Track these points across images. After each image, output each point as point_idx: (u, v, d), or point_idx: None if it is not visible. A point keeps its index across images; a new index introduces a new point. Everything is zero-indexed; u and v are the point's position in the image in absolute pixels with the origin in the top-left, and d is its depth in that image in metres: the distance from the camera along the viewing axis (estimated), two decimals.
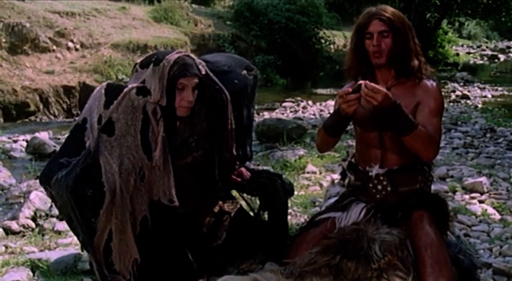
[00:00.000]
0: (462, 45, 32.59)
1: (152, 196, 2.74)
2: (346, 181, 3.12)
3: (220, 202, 3.13)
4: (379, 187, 2.97)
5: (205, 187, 3.01)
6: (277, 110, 11.04)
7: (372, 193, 2.98)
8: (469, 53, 30.44)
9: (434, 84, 2.95)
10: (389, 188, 2.95)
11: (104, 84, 2.85)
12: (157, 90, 2.71)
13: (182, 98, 2.72)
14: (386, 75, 2.93)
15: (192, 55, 2.90)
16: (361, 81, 2.66)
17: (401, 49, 2.84)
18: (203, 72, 2.83)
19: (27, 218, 4.42)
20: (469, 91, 14.54)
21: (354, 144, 3.22)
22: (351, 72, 3.01)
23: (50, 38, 11.05)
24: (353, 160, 3.13)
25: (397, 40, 2.83)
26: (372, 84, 2.63)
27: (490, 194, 4.84)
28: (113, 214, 2.63)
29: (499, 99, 13.64)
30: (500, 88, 15.54)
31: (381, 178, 2.96)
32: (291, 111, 10.91)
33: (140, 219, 2.71)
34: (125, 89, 2.75)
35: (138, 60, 2.92)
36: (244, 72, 3.18)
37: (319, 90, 14.15)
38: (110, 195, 2.60)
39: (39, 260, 3.36)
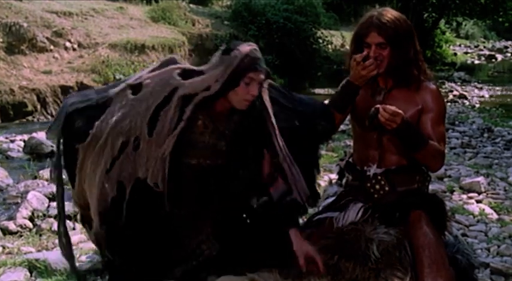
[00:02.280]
0: (460, 45, 32.60)
1: (139, 171, 2.64)
2: (344, 180, 3.12)
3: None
4: (377, 186, 2.97)
5: (210, 193, 2.84)
6: None
7: (370, 193, 2.98)
8: (466, 53, 30.45)
9: (435, 88, 2.94)
10: (387, 188, 2.95)
11: (183, 65, 2.86)
12: (215, 77, 2.65)
13: (248, 91, 2.64)
14: (385, 79, 2.93)
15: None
16: (378, 106, 2.65)
17: (399, 61, 2.82)
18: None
19: (25, 218, 4.41)
20: (466, 91, 14.56)
21: (352, 144, 3.22)
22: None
23: (47, 38, 11.03)
24: (351, 160, 3.13)
25: (395, 52, 2.80)
26: (390, 107, 2.62)
27: (487, 194, 4.85)
28: (88, 157, 2.65)
29: (496, 99, 13.66)
30: (497, 88, 15.57)
31: (379, 177, 2.96)
32: None
33: (116, 186, 2.64)
34: (172, 66, 2.76)
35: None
36: (318, 123, 2.94)
37: (317, 90, 14.15)
38: (91, 138, 2.63)
39: (36, 260, 3.35)
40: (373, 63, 2.76)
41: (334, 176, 4.52)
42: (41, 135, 7.62)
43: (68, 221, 4.37)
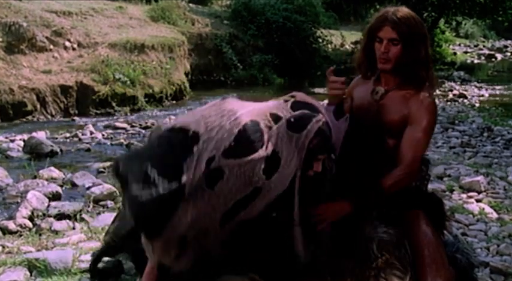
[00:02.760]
0: (459, 45, 32.58)
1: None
2: None
3: None
4: None
5: None
6: None
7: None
8: (466, 52, 30.43)
9: (430, 101, 2.86)
10: None
11: (242, 122, 2.39)
12: (293, 169, 2.38)
13: (314, 168, 2.43)
14: (390, 80, 2.89)
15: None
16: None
17: (409, 59, 2.79)
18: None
19: (24, 217, 4.42)
20: (466, 90, 14.55)
21: None
22: (361, 69, 3.02)
23: (47, 38, 11.02)
24: None
25: (407, 50, 2.78)
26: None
27: (487, 193, 4.85)
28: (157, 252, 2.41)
29: (496, 98, 13.65)
30: (497, 87, 15.56)
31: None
32: None
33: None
34: (255, 155, 2.34)
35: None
36: None
37: (317, 90, 14.12)
38: (167, 234, 2.35)
39: (36, 259, 3.35)
40: (338, 84, 2.72)
41: None
42: (40, 135, 7.64)
43: (68, 221, 4.38)
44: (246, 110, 2.45)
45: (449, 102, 12.39)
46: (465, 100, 12.87)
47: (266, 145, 2.36)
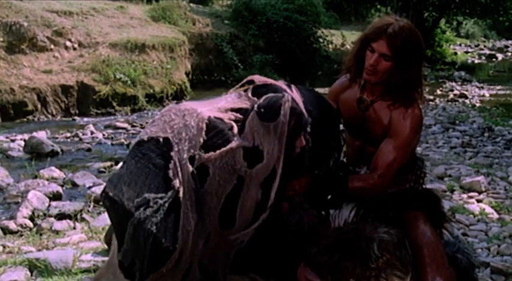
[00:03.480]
0: (460, 45, 32.59)
1: (202, 262, 2.43)
2: None
3: None
4: None
5: None
6: None
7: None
8: (467, 52, 30.44)
9: (414, 112, 2.77)
10: None
11: (205, 116, 2.38)
12: (276, 156, 2.36)
13: (297, 145, 2.45)
14: (376, 89, 2.83)
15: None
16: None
17: (399, 79, 2.70)
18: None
19: (25, 217, 4.42)
20: (467, 90, 14.55)
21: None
22: (349, 72, 2.97)
23: (47, 37, 11.02)
24: (344, 160, 3.13)
25: (397, 69, 2.69)
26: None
27: (488, 194, 4.85)
28: (170, 275, 2.32)
29: (497, 98, 13.65)
30: (498, 87, 15.56)
31: None
32: None
33: None
34: (233, 144, 2.34)
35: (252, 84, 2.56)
36: (331, 152, 2.79)
37: (317, 89, 14.10)
38: (178, 254, 2.28)
39: (37, 259, 3.36)
40: None
41: None
42: (41, 135, 7.64)
43: (68, 221, 4.38)
44: (205, 108, 2.44)
45: (449, 103, 12.39)
46: (466, 100, 12.87)
47: (238, 136, 2.36)
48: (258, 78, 2.60)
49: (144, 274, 2.29)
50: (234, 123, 2.41)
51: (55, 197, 5.05)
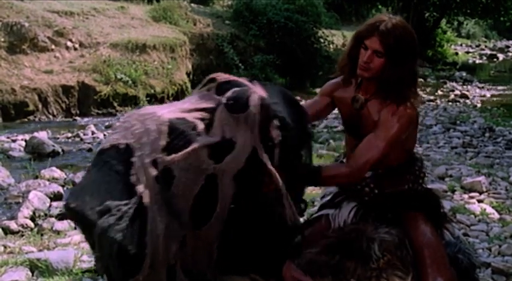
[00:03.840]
0: (461, 45, 32.57)
1: (185, 264, 2.38)
2: None
3: None
4: (366, 189, 2.96)
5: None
6: None
7: (360, 195, 2.98)
8: (468, 52, 30.43)
9: (406, 111, 2.75)
10: (376, 191, 2.94)
11: (165, 119, 2.32)
12: (247, 148, 2.29)
13: (276, 135, 2.36)
14: (370, 87, 2.83)
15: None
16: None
17: (393, 76, 2.69)
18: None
19: (26, 218, 4.43)
20: (468, 90, 14.55)
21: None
22: (343, 71, 2.97)
23: (48, 38, 11.03)
24: (344, 161, 3.13)
25: (391, 65, 2.68)
26: None
27: (488, 194, 4.85)
28: None
29: (497, 98, 13.65)
30: (499, 87, 15.55)
31: (368, 180, 2.95)
32: None
33: None
34: (195, 145, 2.28)
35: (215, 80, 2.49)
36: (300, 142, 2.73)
37: (318, 90, 14.10)
38: (150, 259, 2.24)
39: (38, 259, 3.36)
40: None
41: None
42: (42, 135, 7.64)
43: (69, 221, 4.38)
44: (166, 110, 2.39)
45: (450, 103, 12.39)
46: (467, 100, 12.87)
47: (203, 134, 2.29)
48: (220, 76, 2.53)
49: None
50: (198, 122, 2.35)
51: (56, 197, 5.05)
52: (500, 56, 29.05)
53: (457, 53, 27.39)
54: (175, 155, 2.26)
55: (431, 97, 13.15)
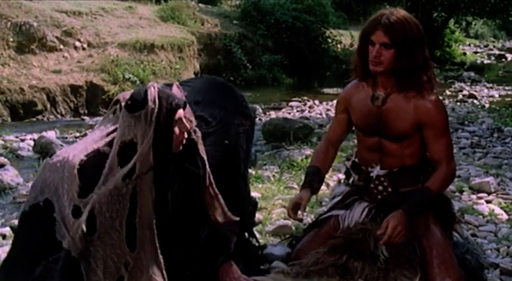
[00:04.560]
0: (469, 45, 32.44)
1: None
2: (351, 180, 3.12)
3: None
4: (380, 187, 2.97)
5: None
6: (283, 110, 11.03)
7: (374, 194, 2.98)
8: (476, 52, 30.28)
9: (436, 98, 2.88)
10: (390, 189, 2.95)
11: (75, 163, 2.32)
12: (149, 142, 2.30)
13: (180, 130, 2.39)
14: (388, 83, 2.87)
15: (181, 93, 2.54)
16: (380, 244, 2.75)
17: (406, 64, 2.75)
18: (192, 131, 2.49)
19: None
20: (476, 91, 14.48)
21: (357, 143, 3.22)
22: (356, 72, 3.00)
23: (57, 37, 11.07)
24: (356, 160, 3.13)
25: (401, 55, 2.73)
26: (386, 239, 2.70)
27: (497, 194, 4.82)
28: None
29: (506, 98, 13.58)
30: (507, 88, 15.47)
31: (382, 179, 2.95)
32: (297, 111, 10.90)
33: None
34: (106, 171, 2.29)
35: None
36: (238, 121, 2.81)
37: (326, 90, 14.13)
38: None
39: None
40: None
41: (342, 176, 4.52)
42: (50, 135, 7.67)
43: None
44: (79, 149, 2.40)
45: (458, 103, 12.35)
46: (475, 101, 12.81)
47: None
48: (124, 95, 2.53)
49: None
50: (107, 149, 2.37)
51: None
52: (509, 56, 28.89)
53: (465, 53, 27.27)
54: (94, 195, 2.26)
55: (440, 97, 13.11)
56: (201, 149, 2.53)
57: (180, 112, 2.36)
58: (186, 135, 2.42)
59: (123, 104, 2.39)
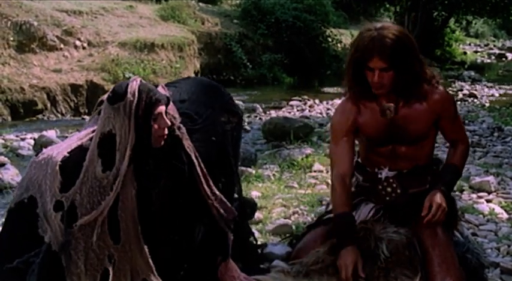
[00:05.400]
0: (469, 44, 32.42)
1: (132, 278, 2.42)
2: (354, 180, 3.10)
3: None
4: (389, 189, 2.96)
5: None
6: (284, 109, 11.03)
7: (382, 195, 2.98)
8: (476, 51, 30.27)
9: (443, 90, 2.92)
10: (398, 191, 2.94)
11: (58, 160, 2.37)
12: (126, 133, 2.33)
13: (160, 126, 2.40)
14: (389, 96, 2.87)
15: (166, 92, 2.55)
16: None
17: (406, 78, 2.76)
18: (175, 128, 2.50)
19: None
20: (476, 90, 14.48)
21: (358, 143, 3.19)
22: (353, 93, 2.94)
23: (57, 37, 11.07)
24: (359, 160, 3.12)
25: (400, 73, 2.73)
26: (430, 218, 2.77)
27: (497, 194, 4.82)
28: None
29: (506, 98, 13.58)
30: (507, 87, 15.47)
31: (391, 180, 2.95)
32: (297, 110, 10.91)
33: None
34: (87, 163, 2.34)
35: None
36: (224, 119, 2.82)
37: (326, 89, 14.13)
38: None
39: None
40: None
41: None
42: (50, 134, 7.67)
43: None
44: (61, 148, 2.44)
45: (459, 102, 12.34)
46: (475, 100, 12.81)
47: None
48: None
49: None
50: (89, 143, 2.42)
51: None
52: (509, 56, 28.88)
53: (465, 53, 27.26)
54: (75, 189, 2.31)
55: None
56: (186, 145, 2.55)
57: (161, 108, 2.39)
58: (166, 131, 2.43)
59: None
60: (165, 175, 2.53)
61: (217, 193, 2.64)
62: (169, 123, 2.42)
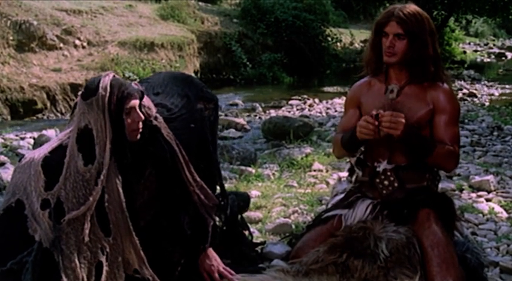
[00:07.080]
0: (469, 43, 32.41)
1: (124, 270, 2.44)
2: (354, 177, 3.12)
3: None
4: (386, 182, 2.97)
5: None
6: (283, 108, 11.02)
7: (379, 189, 2.98)
8: (476, 51, 30.26)
9: (448, 88, 2.96)
10: (396, 184, 2.95)
11: (39, 160, 2.40)
12: (103, 127, 2.35)
13: (133, 120, 2.41)
14: (401, 75, 2.94)
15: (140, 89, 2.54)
16: (374, 112, 2.73)
17: (417, 55, 2.84)
18: (152, 118, 2.52)
19: None
20: (476, 89, 14.48)
21: None
22: (369, 66, 3.05)
23: (57, 36, 11.07)
24: (361, 156, 3.13)
25: (413, 45, 2.83)
26: (387, 113, 2.71)
27: (497, 193, 4.82)
28: None
29: (506, 97, 13.58)
30: (507, 86, 15.46)
31: (388, 173, 2.96)
32: (297, 109, 10.90)
33: None
34: (68, 159, 2.36)
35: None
36: (201, 106, 2.83)
37: (326, 88, 14.13)
38: None
39: None
40: (368, 128, 2.76)
41: (343, 175, 4.53)
42: (50, 133, 7.66)
43: None
44: (42, 150, 2.46)
45: (459, 101, 12.34)
46: (475, 99, 12.81)
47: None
48: None
49: None
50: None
51: None
52: (509, 55, 28.87)
53: (465, 52, 27.25)
54: (60, 186, 2.33)
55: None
56: (165, 133, 2.58)
57: (134, 102, 2.41)
58: (141, 125, 2.44)
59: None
60: (149, 165, 2.56)
61: (198, 179, 2.68)
62: (142, 117, 2.44)
